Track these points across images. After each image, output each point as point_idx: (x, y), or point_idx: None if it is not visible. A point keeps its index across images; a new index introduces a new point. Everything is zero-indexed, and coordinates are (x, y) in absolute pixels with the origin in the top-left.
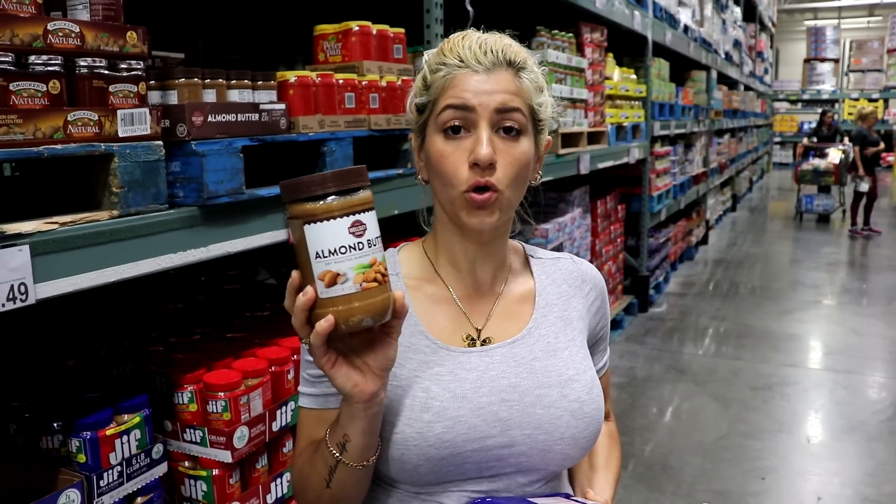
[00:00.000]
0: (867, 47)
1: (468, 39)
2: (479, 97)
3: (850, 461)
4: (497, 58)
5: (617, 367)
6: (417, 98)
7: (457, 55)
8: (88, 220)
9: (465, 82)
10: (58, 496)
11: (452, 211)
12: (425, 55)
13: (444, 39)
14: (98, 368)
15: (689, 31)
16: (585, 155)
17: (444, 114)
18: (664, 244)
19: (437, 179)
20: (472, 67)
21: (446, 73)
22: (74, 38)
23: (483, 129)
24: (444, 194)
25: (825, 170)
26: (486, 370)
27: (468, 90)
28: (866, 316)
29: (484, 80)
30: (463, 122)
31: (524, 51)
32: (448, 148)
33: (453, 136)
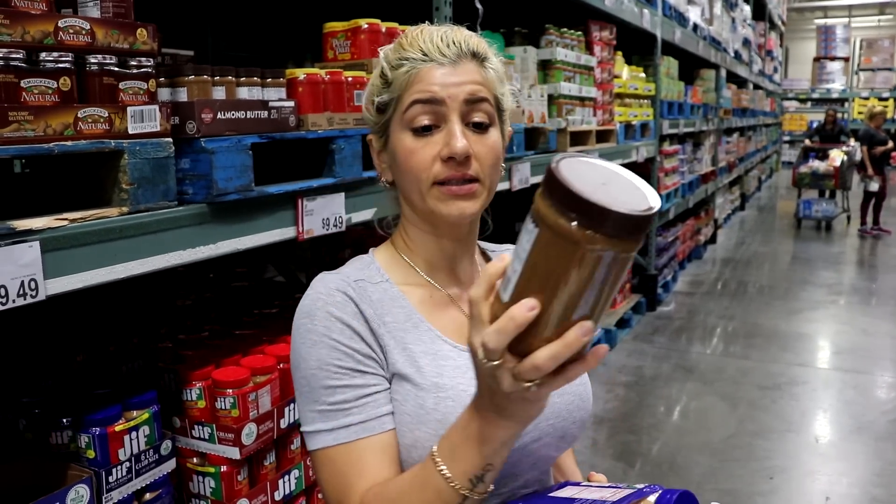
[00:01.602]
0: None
1: (427, 33)
2: (447, 89)
3: (858, 461)
4: (461, 49)
5: (625, 365)
6: (377, 96)
7: (418, 49)
8: (98, 217)
9: (431, 76)
10: (67, 492)
11: (425, 207)
12: (381, 52)
13: (401, 34)
14: (107, 365)
15: (699, 30)
16: (594, 153)
17: (412, 109)
18: (672, 243)
19: (406, 176)
20: (437, 60)
21: (409, 67)
22: (85, 35)
23: (454, 121)
24: (414, 191)
25: (825, 173)
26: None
27: (435, 83)
28: (875, 316)
29: (450, 72)
30: (432, 117)
31: (484, 41)
32: (417, 144)
33: (421, 132)
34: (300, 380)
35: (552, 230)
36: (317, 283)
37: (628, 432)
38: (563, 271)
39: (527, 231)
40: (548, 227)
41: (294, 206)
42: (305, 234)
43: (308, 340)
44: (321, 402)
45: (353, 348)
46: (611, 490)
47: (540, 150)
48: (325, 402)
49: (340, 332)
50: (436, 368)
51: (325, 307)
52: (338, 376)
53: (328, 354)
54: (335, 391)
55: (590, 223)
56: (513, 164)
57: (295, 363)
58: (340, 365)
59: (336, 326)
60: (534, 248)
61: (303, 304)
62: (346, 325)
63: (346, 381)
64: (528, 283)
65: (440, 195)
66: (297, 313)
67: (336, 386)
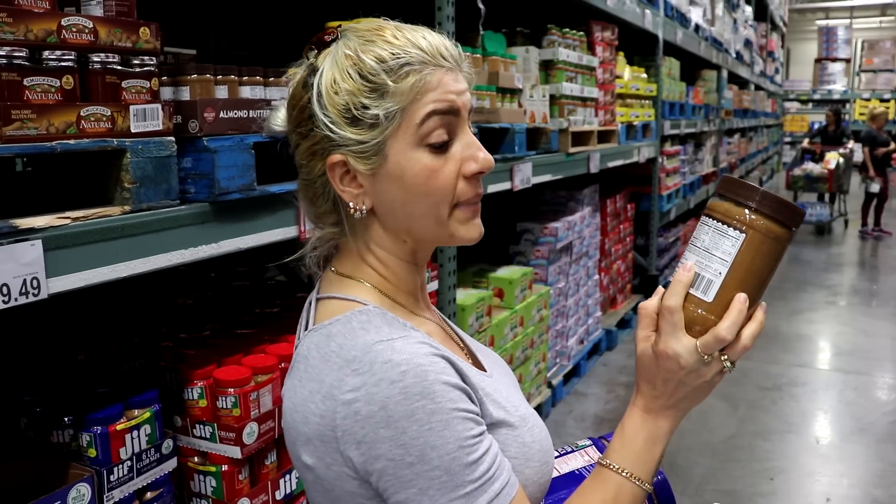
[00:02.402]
0: (879, 47)
1: (418, 32)
2: (461, 97)
3: (859, 462)
4: (453, 53)
5: (625, 366)
6: (364, 109)
7: (419, 50)
8: (100, 216)
9: (444, 82)
10: (68, 490)
11: (439, 233)
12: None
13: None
14: (108, 364)
15: (700, 31)
16: (595, 154)
17: (429, 122)
18: (673, 244)
19: (420, 201)
20: (443, 65)
21: (420, 73)
22: (88, 33)
23: (469, 132)
24: (427, 217)
25: (819, 176)
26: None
27: (452, 91)
28: (876, 317)
29: (455, 78)
30: (447, 130)
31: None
32: (438, 162)
33: (439, 148)
34: (430, 472)
35: (763, 234)
36: (395, 356)
37: None
38: (767, 266)
39: (726, 236)
40: (758, 231)
41: (296, 205)
42: (307, 233)
43: (437, 423)
44: (465, 484)
45: (473, 412)
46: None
47: (541, 151)
48: (470, 480)
49: (461, 400)
50: (507, 402)
51: (437, 378)
52: (476, 447)
53: (464, 429)
54: (478, 464)
55: (792, 225)
56: (515, 164)
57: (415, 457)
58: (475, 434)
59: (457, 395)
60: (741, 250)
61: (401, 386)
62: (461, 389)
63: (485, 447)
64: (733, 281)
65: (463, 217)
66: (396, 398)
67: (478, 458)
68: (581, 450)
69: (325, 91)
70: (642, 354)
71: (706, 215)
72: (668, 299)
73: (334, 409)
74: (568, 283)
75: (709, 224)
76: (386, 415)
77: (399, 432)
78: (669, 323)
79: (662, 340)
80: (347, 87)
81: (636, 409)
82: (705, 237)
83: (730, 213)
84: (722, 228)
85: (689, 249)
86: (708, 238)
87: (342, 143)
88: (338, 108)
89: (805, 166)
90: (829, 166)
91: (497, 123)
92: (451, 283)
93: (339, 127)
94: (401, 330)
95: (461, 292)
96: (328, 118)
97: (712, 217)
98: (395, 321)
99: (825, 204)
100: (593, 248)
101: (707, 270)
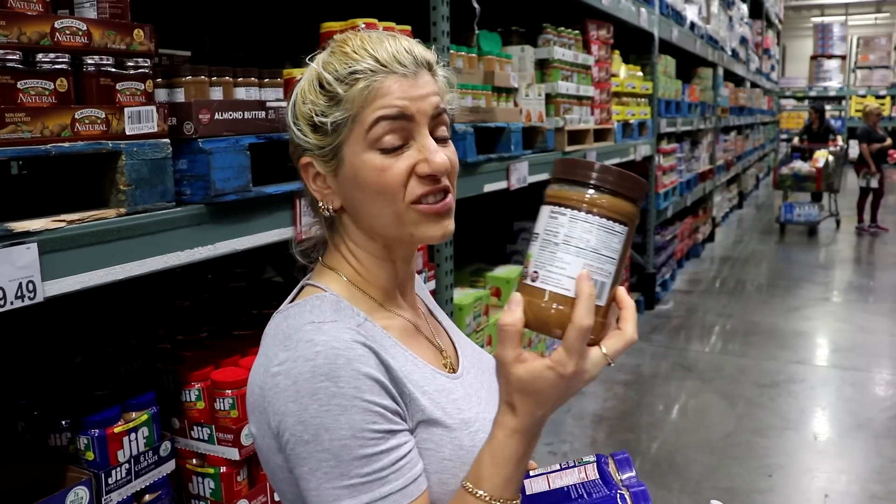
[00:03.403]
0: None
1: (375, 41)
2: (415, 103)
3: (857, 458)
4: (416, 59)
5: (623, 364)
6: (322, 116)
7: (371, 58)
8: (96, 218)
9: (394, 88)
10: (66, 494)
11: (399, 231)
12: (316, 66)
13: (335, 44)
14: (106, 366)
15: (696, 28)
16: (592, 152)
17: (378, 127)
18: (670, 241)
19: (376, 200)
20: (397, 71)
21: (369, 81)
22: (82, 36)
23: (426, 136)
24: (384, 215)
25: (807, 174)
26: (479, 387)
27: (400, 96)
28: (873, 313)
29: (412, 83)
30: (401, 134)
31: (428, 48)
32: (386, 162)
33: (389, 151)
34: (319, 454)
35: (635, 221)
36: (319, 337)
37: (627, 431)
38: (629, 250)
39: (614, 233)
40: (633, 221)
41: (292, 206)
42: (304, 234)
43: (335, 407)
44: (352, 476)
45: (384, 406)
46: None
47: (537, 150)
48: (357, 474)
49: (371, 391)
50: (453, 404)
51: (349, 364)
52: (374, 442)
53: (362, 420)
54: (371, 460)
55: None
56: (511, 163)
57: (310, 435)
58: (377, 429)
59: (366, 385)
60: (624, 246)
61: (312, 365)
62: (376, 381)
63: (383, 446)
64: (617, 277)
65: (419, 217)
66: (304, 376)
67: (372, 454)
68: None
69: (297, 101)
70: (536, 377)
71: (586, 211)
72: (585, 319)
73: (265, 381)
74: None
75: (591, 221)
76: (295, 390)
77: (302, 408)
78: (581, 342)
79: (573, 361)
80: (311, 98)
81: (515, 434)
82: (589, 236)
83: (617, 207)
84: (608, 225)
85: (565, 251)
86: (594, 237)
87: (308, 147)
88: (304, 116)
89: (793, 165)
90: (817, 164)
91: (493, 123)
92: (448, 283)
93: (305, 133)
94: (346, 317)
95: (458, 292)
96: (297, 126)
97: (594, 213)
98: (348, 309)
99: (814, 204)
100: None
101: (600, 274)
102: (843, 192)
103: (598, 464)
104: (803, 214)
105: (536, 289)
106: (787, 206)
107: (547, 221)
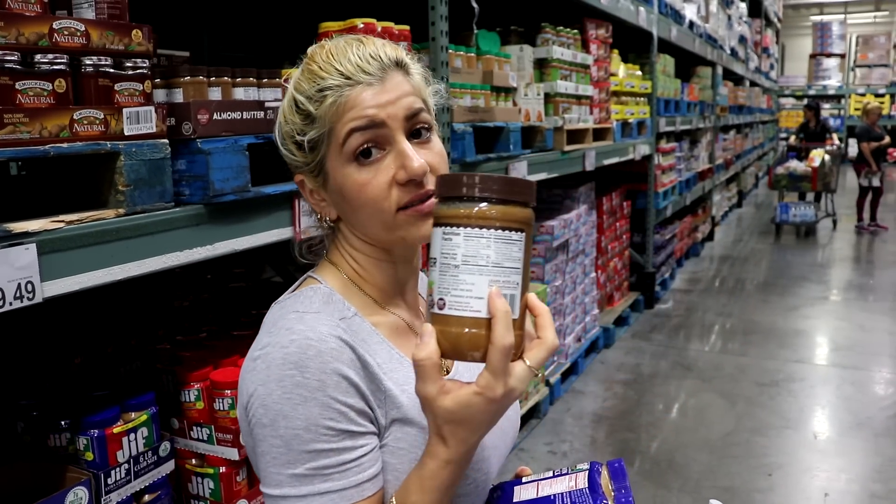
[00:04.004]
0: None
1: (339, 52)
2: (384, 110)
3: (857, 457)
4: (383, 63)
5: (623, 363)
6: (302, 135)
7: (336, 73)
8: (95, 219)
9: (362, 99)
10: (66, 494)
11: (390, 236)
12: (290, 85)
13: (304, 62)
14: (105, 366)
15: (695, 27)
16: (591, 151)
17: (351, 140)
18: (670, 241)
19: (362, 211)
20: (363, 81)
21: (335, 96)
22: (80, 36)
23: (401, 141)
24: (374, 225)
25: (802, 174)
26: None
27: (369, 105)
28: (873, 312)
29: (380, 90)
30: (374, 142)
31: (399, 46)
32: (366, 175)
33: (366, 160)
34: (272, 438)
35: (531, 224)
36: (297, 326)
37: (627, 430)
38: (529, 255)
39: (512, 242)
40: (529, 224)
41: (291, 206)
42: (302, 234)
43: (296, 396)
44: (298, 466)
45: (348, 405)
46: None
47: (536, 149)
48: (303, 466)
49: (336, 387)
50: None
51: (318, 357)
52: (326, 439)
53: (320, 414)
54: (319, 456)
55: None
56: (510, 162)
57: (268, 419)
58: (332, 427)
59: (332, 380)
60: (525, 251)
61: (285, 352)
62: (344, 377)
63: (335, 445)
64: (524, 285)
65: (407, 220)
66: (276, 362)
67: (322, 450)
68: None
69: (280, 121)
70: (464, 406)
71: (479, 226)
72: (505, 338)
73: (246, 364)
74: (565, 281)
75: (485, 236)
76: (266, 374)
77: (268, 392)
78: (505, 361)
79: (500, 383)
80: (290, 118)
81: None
82: (488, 251)
83: (509, 215)
84: (505, 235)
85: (467, 272)
86: (493, 251)
87: (296, 164)
88: (288, 136)
89: (788, 164)
90: (813, 164)
91: (492, 122)
92: None
93: (292, 152)
94: (333, 310)
95: None
96: (284, 146)
97: (487, 227)
98: (339, 303)
99: (809, 204)
100: (590, 246)
101: (508, 287)
102: (843, 191)
103: (591, 472)
104: (799, 215)
105: (446, 316)
106: (782, 207)
107: (441, 244)
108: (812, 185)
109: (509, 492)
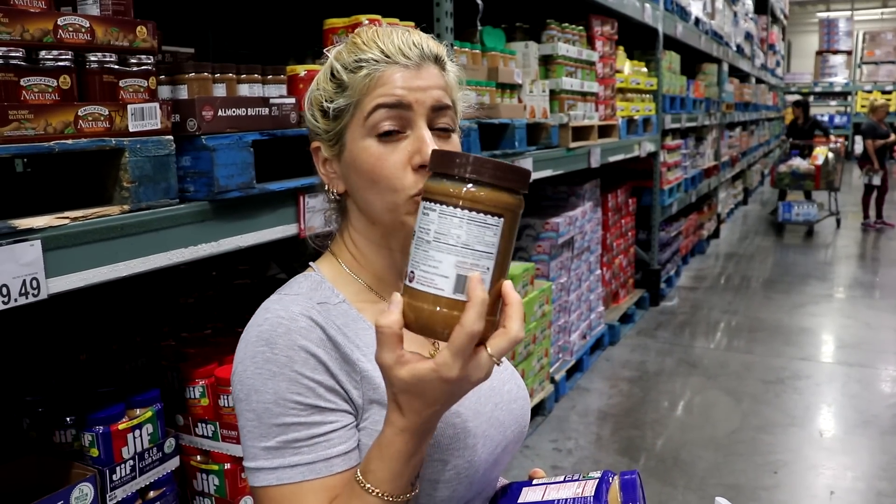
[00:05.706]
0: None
1: (385, 33)
2: (413, 94)
3: (863, 455)
4: (423, 52)
5: (628, 360)
6: (329, 102)
7: (378, 49)
8: (99, 215)
9: (395, 78)
10: (71, 490)
11: (392, 218)
12: (331, 54)
13: (351, 36)
14: (110, 363)
15: (701, 24)
16: (596, 148)
17: (376, 114)
18: (675, 238)
19: (373, 187)
20: (400, 62)
21: (370, 69)
22: (84, 32)
23: (422, 127)
24: (381, 203)
25: (805, 172)
26: None
27: (400, 86)
28: (879, 309)
29: (414, 75)
30: (398, 122)
31: (442, 45)
32: (383, 151)
33: (386, 139)
34: (247, 413)
35: (514, 211)
36: (273, 306)
37: (632, 427)
38: (512, 242)
39: (487, 226)
40: (511, 211)
41: (296, 202)
42: (307, 230)
43: (266, 371)
44: (269, 439)
45: (316, 381)
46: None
47: (542, 146)
48: (274, 439)
49: (304, 363)
50: None
51: (287, 334)
52: (294, 413)
53: (288, 388)
54: (288, 429)
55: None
56: (515, 159)
57: (244, 394)
58: (300, 401)
59: (300, 356)
60: (502, 237)
61: (259, 330)
62: (312, 354)
63: (303, 419)
64: (498, 271)
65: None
66: (251, 339)
67: (291, 423)
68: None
69: (312, 87)
70: (419, 380)
71: (454, 205)
72: (475, 324)
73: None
74: (570, 278)
75: (458, 215)
76: (244, 352)
77: (243, 369)
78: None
79: (458, 365)
80: (323, 84)
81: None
82: (459, 231)
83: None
84: (479, 218)
85: (437, 248)
86: (464, 232)
87: (317, 131)
88: (316, 102)
89: (791, 162)
90: (816, 162)
91: (497, 119)
92: None
93: (315, 118)
94: (317, 295)
95: None
96: (310, 111)
97: (462, 206)
98: (328, 290)
99: (813, 202)
100: (595, 243)
101: (476, 270)
102: (848, 189)
103: (600, 482)
104: (802, 213)
105: (413, 289)
106: (785, 206)
107: (420, 217)
108: (815, 184)
109: (516, 492)
